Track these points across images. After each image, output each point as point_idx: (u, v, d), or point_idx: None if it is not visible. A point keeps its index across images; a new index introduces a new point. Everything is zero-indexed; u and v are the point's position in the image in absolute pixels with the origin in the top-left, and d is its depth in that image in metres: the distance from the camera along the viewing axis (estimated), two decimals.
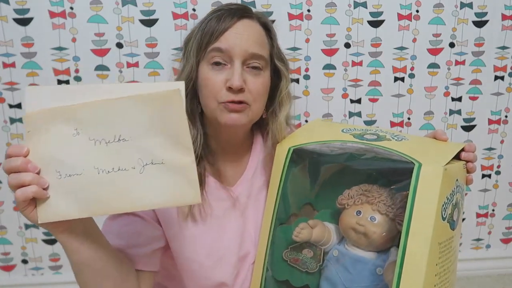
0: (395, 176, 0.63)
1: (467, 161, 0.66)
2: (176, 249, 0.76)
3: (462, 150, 0.66)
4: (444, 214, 0.55)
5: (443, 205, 0.55)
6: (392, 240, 0.63)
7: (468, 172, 0.66)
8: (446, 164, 0.56)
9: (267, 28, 0.77)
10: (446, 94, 1.25)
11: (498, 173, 1.33)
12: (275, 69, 0.78)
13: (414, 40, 1.19)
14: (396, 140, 0.64)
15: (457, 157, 0.65)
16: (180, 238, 0.76)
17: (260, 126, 0.83)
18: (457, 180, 0.59)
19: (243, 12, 0.74)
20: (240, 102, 0.71)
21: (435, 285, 0.56)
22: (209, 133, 0.79)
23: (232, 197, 0.79)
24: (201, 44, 0.72)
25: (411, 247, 0.53)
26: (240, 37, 0.71)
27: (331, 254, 0.68)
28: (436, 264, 0.55)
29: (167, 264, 0.80)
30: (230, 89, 0.70)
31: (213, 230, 0.77)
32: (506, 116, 1.28)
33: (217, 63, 0.71)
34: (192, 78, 0.74)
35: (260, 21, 0.76)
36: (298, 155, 0.70)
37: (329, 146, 0.69)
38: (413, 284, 0.53)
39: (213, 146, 0.80)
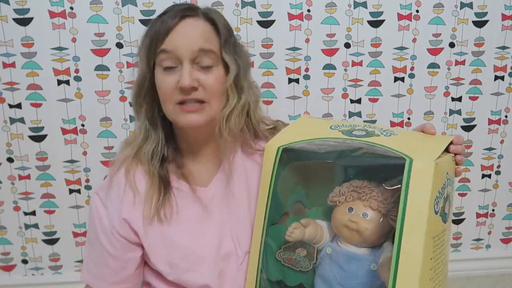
0: (386, 172, 0.63)
1: (455, 154, 0.66)
2: (152, 255, 0.77)
3: (451, 143, 0.66)
4: (437, 208, 0.56)
5: (435, 199, 0.55)
6: (385, 236, 0.64)
7: (457, 164, 0.66)
8: (437, 158, 0.57)
9: (214, 23, 0.75)
10: (446, 94, 1.25)
11: (498, 173, 1.33)
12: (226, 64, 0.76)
13: (414, 40, 1.19)
14: (385, 135, 0.64)
15: (446, 149, 0.65)
16: (153, 244, 0.77)
17: None
18: (447, 173, 0.59)
19: (185, 12, 0.74)
20: (196, 101, 0.72)
21: (430, 279, 0.56)
22: (178, 134, 0.81)
23: (204, 199, 0.79)
24: (149, 48, 0.73)
25: (406, 243, 0.53)
26: (184, 36, 0.71)
27: (324, 252, 0.68)
28: (431, 258, 0.56)
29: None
30: (181, 89, 0.71)
31: (187, 233, 0.77)
32: (506, 116, 1.28)
33: (168, 68, 0.72)
34: (145, 83, 0.75)
35: (207, 17, 0.75)
36: (288, 154, 0.69)
37: (318, 144, 0.68)
38: (410, 279, 0.53)
39: (184, 148, 0.81)
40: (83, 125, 1.16)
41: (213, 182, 0.81)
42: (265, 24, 1.15)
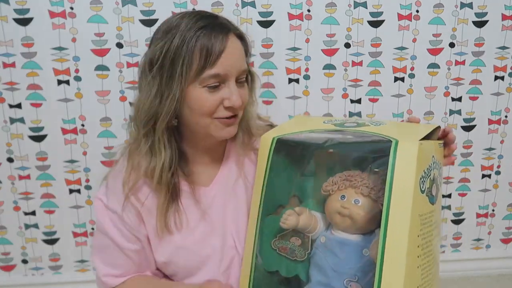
0: (376, 160, 0.66)
1: (446, 141, 0.70)
2: (158, 255, 0.79)
3: (436, 130, 0.70)
4: (423, 187, 0.58)
5: (420, 178, 0.57)
6: (377, 222, 0.65)
7: (450, 149, 0.71)
8: (421, 139, 0.59)
9: (244, 40, 0.76)
10: (446, 94, 1.25)
11: (498, 173, 1.33)
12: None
13: (414, 40, 1.19)
14: (374, 125, 0.68)
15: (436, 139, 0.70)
16: (161, 247, 0.78)
17: None
18: (433, 156, 0.62)
19: (228, 29, 0.72)
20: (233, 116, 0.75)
21: (418, 256, 0.57)
22: (185, 142, 0.80)
23: (206, 199, 0.80)
24: (197, 68, 0.69)
25: (393, 219, 0.55)
26: (233, 58, 0.71)
27: (318, 241, 0.70)
28: (418, 236, 0.57)
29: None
30: (228, 107, 0.72)
31: (193, 237, 0.78)
32: (506, 116, 1.28)
33: (213, 87, 0.71)
34: (178, 102, 0.71)
35: (237, 34, 0.75)
36: (282, 145, 0.72)
37: (311, 136, 0.71)
38: (397, 253, 0.54)
39: (189, 153, 0.81)
40: (83, 125, 1.16)
41: (215, 182, 0.82)
42: (265, 24, 1.15)
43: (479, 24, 1.20)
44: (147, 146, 0.75)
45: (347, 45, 1.18)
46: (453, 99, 1.25)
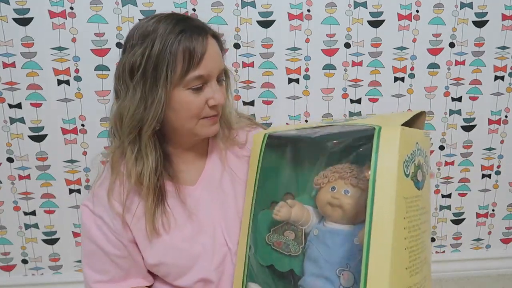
0: (361, 143, 0.68)
1: None
2: (148, 258, 0.78)
3: (422, 115, 0.70)
4: (407, 171, 0.59)
5: (404, 162, 0.58)
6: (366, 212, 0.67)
7: None
8: (403, 125, 0.61)
9: (219, 39, 0.78)
10: (446, 94, 1.25)
11: (498, 173, 1.33)
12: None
13: (414, 40, 1.19)
14: (361, 118, 0.71)
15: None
16: (151, 249, 0.78)
17: None
18: (417, 143, 0.63)
19: (205, 31, 0.73)
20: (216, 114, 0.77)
21: (405, 238, 0.58)
22: (168, 143, 0.80)
23: (193, 198, 0.80)
24: (181, 72, 0.70)
25: (378, 201, 0.56)
26: (214, 59, 0.73)
27: (311, 234, 0.72)
28: (404, 218, 0.58)
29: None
30: (213, 106, 0.74)
31: (182, 236, 0.78)
32: (506, 116, 1.28)
33: (198, 88, 0.72)
34: (163, 107, 0.71)
35: (213, 34, 0.75)
36: (274, 142, 0.75)
37: (301, 131, 0.74)
38: (383, 233, 0.55)
39: (173, 154, 0.81)
40: (83, 125, 1.16)
41: (200, 180, 0.83)
42: (265, 24, 1.15)
43: (479, 24, 1.20)
44: (134, 154, 0.74)
45: (347, 45, 1.18)
46: (453, 99, 1.25)
